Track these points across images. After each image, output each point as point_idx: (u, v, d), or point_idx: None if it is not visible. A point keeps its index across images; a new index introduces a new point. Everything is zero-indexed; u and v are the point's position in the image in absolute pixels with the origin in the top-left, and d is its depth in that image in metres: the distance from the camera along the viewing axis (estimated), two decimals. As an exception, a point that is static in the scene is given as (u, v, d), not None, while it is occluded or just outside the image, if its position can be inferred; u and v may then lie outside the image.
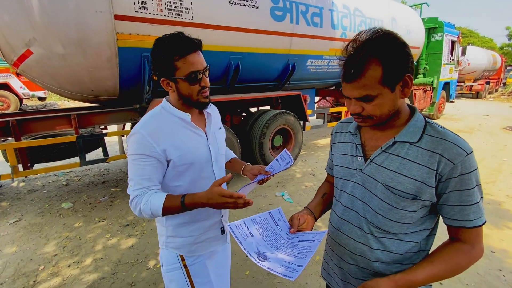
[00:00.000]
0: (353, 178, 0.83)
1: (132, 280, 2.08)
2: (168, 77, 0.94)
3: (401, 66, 0.68)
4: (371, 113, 0.72)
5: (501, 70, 19.78)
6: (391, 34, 0.68)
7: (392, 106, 0.72)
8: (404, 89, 0.70)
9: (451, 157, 0.67)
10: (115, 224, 2.88)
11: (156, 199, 0.89)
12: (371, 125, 0.76)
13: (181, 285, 1.06)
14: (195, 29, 3.07)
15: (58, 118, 3.06)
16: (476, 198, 0.69)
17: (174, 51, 0.90)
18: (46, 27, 2.46)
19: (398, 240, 0.77)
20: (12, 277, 2.13)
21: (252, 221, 0.82)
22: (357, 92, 0.70)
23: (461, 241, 0.73)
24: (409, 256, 0.78)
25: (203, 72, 0.95)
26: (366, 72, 0.67)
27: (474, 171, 0.68)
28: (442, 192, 0.70)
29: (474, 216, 0.69)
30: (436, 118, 8.80)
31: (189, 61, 0.91)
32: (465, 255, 0.71)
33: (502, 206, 3.25)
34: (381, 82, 0.67)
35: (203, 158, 1.02)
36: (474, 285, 2.02)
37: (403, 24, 5.86)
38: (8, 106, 9.16)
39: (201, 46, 0.96)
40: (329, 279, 0.98)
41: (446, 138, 0.69)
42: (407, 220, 0.74)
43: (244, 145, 4.13)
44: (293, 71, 4.33)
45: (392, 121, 0.76)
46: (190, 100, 0.97)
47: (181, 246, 1.06)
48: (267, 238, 0.80)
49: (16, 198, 3.51)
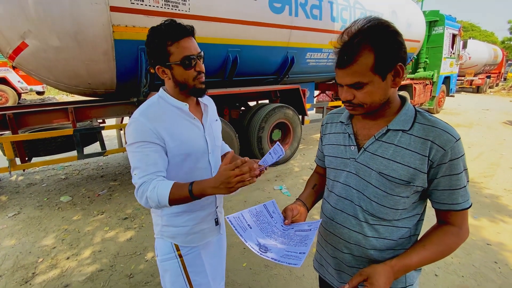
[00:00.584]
0: (346, 167, 0.84)
1: (131, 272, 2.10)
2: (163, 63, 0.94)
3: (393, 55, 0.69)
4: (362, 101, 0.73)
5: (502, 64, 19.68)
6: (385, 23, 0.70)
7: (383, 95, 0.73)
8: (395, 79, 0.72)
9: (442, 143, 0.70)
10: (113, 217, 2.89)
11: (163, 186, 0.85)
12: (361, 113, 0.77)
13: (176, 275, 1.07)
14: (192, 21, 3.02)
15: (55, 112, 3.05)
16: (464, 182, 0.72)
17: (166, 36, 0.90)
18: (41, 19, 2.43)
19: (392, 226, 0.79)
20: (11, 269, 2.15)
21: (249, 212, 0.82)
22: (349, 78, 0.71)
23: (450, 224, 0.76)
24: (402, 242, 0.80)
25: (197, 57, 0.95)
26: (358, 59, 0.68)
27: (462, 156, 0.71)
28: (433, 177, 0.72)
29: (462, 199, 0.73)
30: (435, 112, 8.77)
31: (182, 46, 0.92)
32: (454, 237, 0.74)
33: (500, 199, 3.27)
34: (372, 70, 0.69)
35: (200, 149, 1.02)
36: (470, 276, 2.04)
37: (403, 17, 5.79)
38: (6, 100, 9.11)
39: (194, 32, 0.95)
40: (321, 270, 0.98)
41: (437, 126, 0.72)
42: (401, 206, 0.77)
43: (242, 139, 4.12)
44: (292, 64, 4.30)
45: (383, 111, 0.78)
46: (187, 86, 0.97)
47: (176, 235, 1.07)
48: (265, 230, 0.80)
49: (15, 192, 3.52)
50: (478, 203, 3.16)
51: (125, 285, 1.98)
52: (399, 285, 0.81)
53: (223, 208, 1.30)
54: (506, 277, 2.02)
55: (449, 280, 2.01)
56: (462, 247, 2.35)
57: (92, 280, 2.03)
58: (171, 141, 0.94)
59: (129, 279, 2.04)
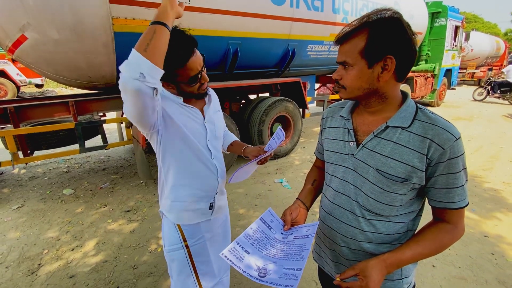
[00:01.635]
0: (345, 163, 0.84)
1: (134, 263, 2.14)
2: (169, 81, 0.99)
3: (385, 44, 0.68)
4: (344, 83, 0.75)
5: (505, 56, 19.46)
6: (395, 15, 0.69)
7: (366, 83, 0.72)
8: (383, 72, 0.70)
9: (441, 142, 0.69)
10: (116, 210, 2.93)
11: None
12: (344, 97, 0.78)
13: (183, 264, 1.12)
14: (193, 13, 2.99)
15: (56, 105, 3.05)
16: (462, 181, 0.72)
17: (174, 63, 0.92)
18: (40, 11, 2.40)
19: (388, 221, 0.79)
20: (17, 261, 2.19)
21: (245, 236, 0.80)
22: (339, 56, 0.74)
23: (445, 221, 0.76)
24: (398, 237, 0.81)
25: (202, 71, 1.00)
26: (351, 39, 0.71)
27: (461, 155, 0.70)
28: (431, 175, 0.72)
29: (459, 198, 0.72)
30: (436, 105, 8.75)
31: (189, 68, 0.95)
32: (448, 234, 0.75)
33: (498, 192, 3.30)
34: (361, 53, 0.70)
35: (200, 136, 1.07)
36: (466, 267, 2.08)
37: (406, 8, 5.71)
38: (5, 93, 9.07)
39: (197, 44, 0.98)
40: (320, 261, 1.01)
41: (437, 124, 0.71)
42: (398, 203, 0.77)
43: (243, 132, 4.13)
44: (293, 57, 4.27)
45: (382, 106, 0.77)
46: (191, 95, 1.04)
47: (179, 211, 1.11)
48: (263, 248, 0.80)
49: (18, 185, 3.55)
50: (477, 196, 3.19)
51: (130, 275, 2.03)
52: (395, 277, 0.83)
53: (227, 201, 1.32)
54: (502, 268, 2.07)
55: (446, 271, 2.05)
56: (460, 239, 2.39)
57: (97, 271, 2.07)
58: (171, 124, 0.99)
59: (133, 270, 2.08)
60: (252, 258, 0.75)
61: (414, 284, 0.89)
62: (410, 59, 0.71)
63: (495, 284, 1.93)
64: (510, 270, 2.05)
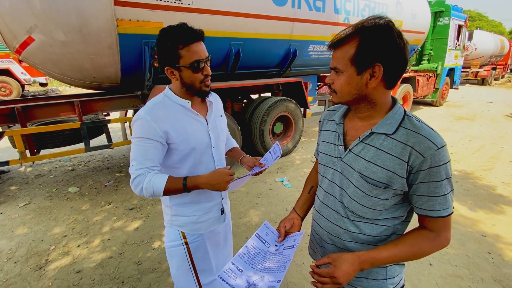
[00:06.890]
0: (334, 165, 0.88)
1: (139, 259, 2.21)
2: (172, 65, 0.99)
3: (374, 52, 0.69)
4: (335, 87, 0.78)
5: (509, 55, 19.28)
6: (387, 23, 0.70)
7: (355, 89, 0.75)
8: (371, 79, 0.72)
9: (422, 150, 0.70)
10: (120, 208, 2.99)
11: (158, 180, 0.96)
12: (335, 101, 0.82)
13: (182, 260, 1.16)
14: (195, 15, 3.04)
15: (62, 105, 3.11)
16: (444, 191, 0.72)
17: (178, 40, 0.95)
18: (46, 14, 2.46)
19: (372, 224, 0.82)
20: (25, 256, 2.26)
21: (240, 256, 0.86)
22: (332, 62, 0.78)
23: (428, 229, 0.77)
24: (383, 239, 0.83)
25: (205, 61, 1.00)
26: (343, 46, 0.74)
27: (443, 164, 0.70)
28: (413, 182, 0.73)
29: (440, 207, 0.73)
30: (439, 105, 8.73)
31: (193, 50, 0.96)
32: (429, 242, 0.76)
33: (497, 192, 3.32)
34: (351, 60, 0.72)
35: (204, 144, 1.09)
36: (463, 266, 2.12)
37: (408, 8, 5.71)
38: (10, 92, 9.19)
39: (204, 36, 1.00)
40: (314, 256, 1.07)
41: (420, 132, 0.72)
42: (380, 207, 0.79)
43: (245, 132, 4.17)
44: (294, 57, 4.30)
45: (371, 112, 0.79)
46: (193, 88, 1.03)
47: (184, 224, 1.15)
48: (256, 263, 0.84)
49: (24, 183, 3.63)
50: (475, 196, 3.22)
51: (134, 271, 2.09)
52: (379, 277, 0.85)
53: (228, 199, 1.37)
54: (498, 267, 2.10)
55: (443, 269, 2.09)
56: (457, 239, 2.43)
57: (103, 267, 2.14)
58: (176, 136, 1.01)
59: (138, 265, 2.15)
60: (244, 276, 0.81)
61: (403, 285, 0.91)
62: (399, 67, 0.72)
63: (490, 283, 1.96)
64: (506, 269, 2.08)
